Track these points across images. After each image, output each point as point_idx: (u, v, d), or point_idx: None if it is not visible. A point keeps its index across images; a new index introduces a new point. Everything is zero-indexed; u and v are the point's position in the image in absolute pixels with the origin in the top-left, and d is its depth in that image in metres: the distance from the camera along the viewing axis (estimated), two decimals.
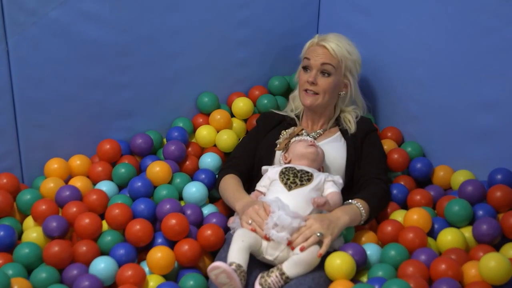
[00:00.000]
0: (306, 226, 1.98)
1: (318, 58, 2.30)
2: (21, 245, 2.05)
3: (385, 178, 2.29)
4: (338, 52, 2.30)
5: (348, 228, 2.13)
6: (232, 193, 2.21)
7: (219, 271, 1.86)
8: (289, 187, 2.09)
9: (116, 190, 2.35)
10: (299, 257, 1.94)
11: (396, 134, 2.56)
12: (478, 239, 2.05)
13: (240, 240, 1.95)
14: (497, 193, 2.13)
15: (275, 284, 1.92)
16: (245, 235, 1.96)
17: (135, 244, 2.11)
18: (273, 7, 2.73)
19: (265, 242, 1.98)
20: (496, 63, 2.20)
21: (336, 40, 2.33)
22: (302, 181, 2.11)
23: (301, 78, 2.35)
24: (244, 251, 1.93)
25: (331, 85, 2.31)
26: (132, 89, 2.51)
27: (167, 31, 2.51)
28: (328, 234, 1.98)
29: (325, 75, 2.31)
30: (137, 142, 2.49)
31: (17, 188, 2.28)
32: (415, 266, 1.90)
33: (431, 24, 2.38)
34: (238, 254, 1.92)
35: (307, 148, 2.21)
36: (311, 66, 2.32)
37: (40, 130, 2.37)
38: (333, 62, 2.30)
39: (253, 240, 1.96)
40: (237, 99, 2.68)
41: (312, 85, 2.30)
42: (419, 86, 2.47)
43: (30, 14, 2.22)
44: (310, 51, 2.34)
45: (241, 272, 1.88)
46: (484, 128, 2.28)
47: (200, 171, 2.45)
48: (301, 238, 1.96)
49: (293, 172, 2.14)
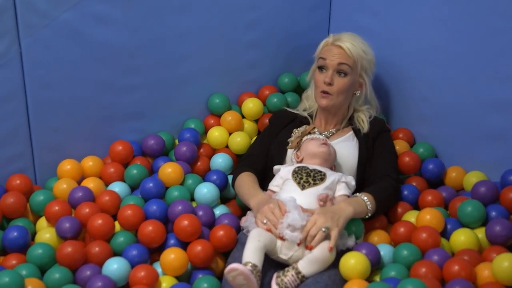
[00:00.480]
0: (310, 221, 1.98)
1: (335, 58, 2.29)
2: (35, 246, 2.06)
3: (396, 176, 2.28)
4: (354, 51, 2.29)
5: (357, 225, 2.12)
6: (247, 190, 2.21)
7: (237, 273, 1.86)
8: (302, 186, 2.10)
9: (128, 191, 2.36)
10: (313, 255, 1.94)
11: (407, 135, 2.56)
12: (491, 240, 2.04)
13: (256, 239, 1.95)
14: (510, 194, 2.12)
15: (292, 283, 1.92)
16: (261, 235, 1.97)
17: (147, 245, 2.12)
18: (284, 8, 2.74)
19: (279, 241, 1.98)
20: (507, 63, 2.20)
21: (351, 40, 2.31)
22: (315, 180, 2.11)
23: (317, 78, 2.34)
24: (260, 250, 1.93)
25: (347, 85, 2.31)
26: (143, 90, 2.52)
27: (177, 33, 2.52)
28: (334, 226, 1.97)
29: (341, 75, 2.30)
30: (149, 143, 2.50)
31: (30, 189, 2.29)
32: (428, 267, 1.90)
33: (441, 25, 2.37)
34: (254, 254, 1.92)
35: (319, 147, 2.21)
36: (327, 66, 2.30)
37: (53, 132, 2.39)
38: (349, 62, 2.30)
39: (268, 240, 1.97)
40: (247, 100, 2.68)
41: (328, 86, 2.30)
42: (430, 86, 2.47)
43: (43, 16, 2.23)
44: (326, 51, 2.33)
45: (257, 272, 1.89)
46: (496, 129, 2.27)
47: (211, 172, 2.45)
48: (309, 237, 1.96)
49: (306, 172, 2.14)
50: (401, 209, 2.27)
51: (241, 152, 2.57)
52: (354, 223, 2.11)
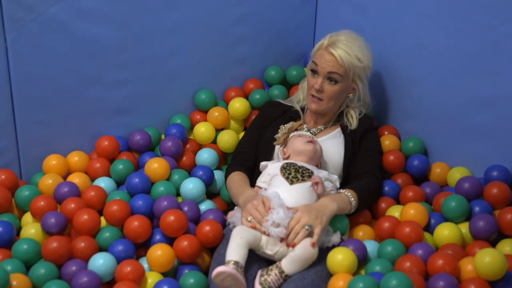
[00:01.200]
0: (294, 219, 1.99)
1: (326, 66, 2.26)
2: (20, 241, 2.06)
3: (378, 174, 2.30)
4: (346, 60, 2.24)
5: (342, 221, 2.13)
6: (235, 189, 2.22)
7: (225, 275, 1.87)
8: (291, 181, 2.10)
9: (114, 186, 2.36)
10: (295, 253, 1.95)
11: (393, 132, 2.56)
12: (475, 235, 2.06)
13: (238, 236, 1.96)
14: (494, 190, 2.14)
15: (275, 283, 1.93)
16: (243, 232, 1.97)
17: (133, 241, 2.12)
18: (271, 4, 2.74)
19: (265, 237, 1.99)
20: (493, 60, 2.21)
21: (346, 46, 2.25)
22: (304, 177, 2.12)
23: (309, 81, 2.34)
24: (243, 247, 1.94)
25: (337, 92, 2.30)
26: (130, 86, 2.52)
27: (165, 28, 2.52)
28: (317, 223, 1.99)
29: (332, 82, 2.28)
30: (135, 139, 2.50)
31: (15, 184, 2.28)
32: (412, 261, 1.92)
33: (427, 22, 2.38)
34: (236, 251, 1.93)
35: (305, 145, 2.21)
36: (318, 72, 2.29)
37: (39, 126, 2.38)
38: (340, 70, 2.26)
39: (252, 236, 1.97)
40: (234, 100, 2.66)
41: (318, 92, 2.30)
42: (415, 83, 2.47)
43: (29, 10, 2.22)
44: (318, 55, 2.30)
45: (240, 269, 1.89)
46: (480, 125, 2.29)
47: (197, 168, 2.45)
48: (292, 234, 1.97)
49: (295, 168, 2.15)
50: (384, 204, 2.29)
51: (229, 150, 2.57)
52: (338, 219, 2.12)
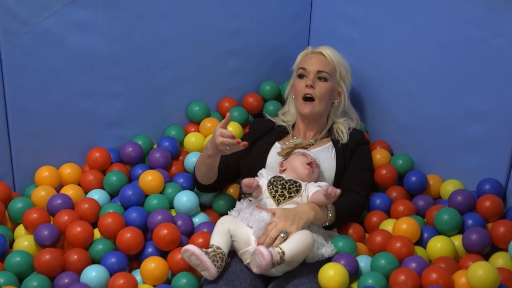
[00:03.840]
0: (271, 224, 2.00)
1: (315, 65, 2.35)
2: (13, 254, 2.05)
3: (363, 192, 2.27)
4: (333, 58, 2.38)
5: (345, 240, 2.11)
6: (201, 157, 2.26)
7: (189, 253, 1.95)
8: (277, 200, 2.10)
9: (107, 198, 2.36)
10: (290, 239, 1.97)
11: (385, 147, 2.56)
12: (468, 248, 2.06)
13: (219, 223, 2.04)
14: (486, 203, 2.15)
15: (274, 256, 1.90)
16: (224, 219, 2.05)
17: (126, 252, 2.11)
18: (264, 17, 2.75)
19: (251, 245, 2.00)
20: (485, 73, 2.22)
21: (330, 49, 2.41)
22: (291, 192, 2.11)
23: (298, 86, 2.37)
24: (223, 233, 2.01)
25: (328, 90, 2.35)
26: (123, 98, 2.52)
27: (158, 41, 2.53)
28: (293, 228, 2.00)
29: (322, 80, 2.35)
30: (127, 151, 2.50)
31: (8, 196, 2.28)
32: (406, 275, 1.92)
33: (420, 35, 2.40)
34: (217, 237, 2.00)
35: (302, 166, 2.20)
36: (308, 72, 2.35)
37: (33, 139, 2.38)
38: (329, 68, 2.36)
39: (232, 224, 2.03)
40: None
41: (310, 89, 2.33)
42: (408, 96, 2.49)
43: (23, 23, 2.23)
44: (305, 60, 2.39)
45: (219, 254, 1.95)
46: (473, 138, 2.30)
47: (178, 175, 2.45)
48: (268, 239, 1.98)
49: (281, 183, 2.14)
50: (376, 218, 2.28)
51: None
52: (345, 241, 2.11)
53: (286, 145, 2.33)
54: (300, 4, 2.80)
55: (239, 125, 2.63)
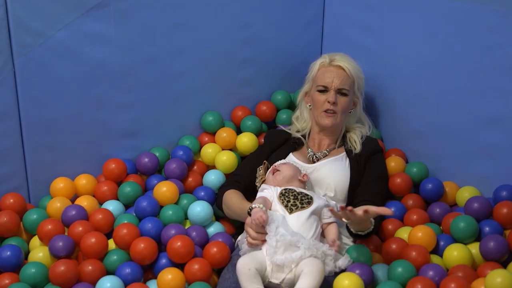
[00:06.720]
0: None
1: (336, 82, 2.34)
2: (28, 265, 2.06)
3: (378, 202, 2.23)
4: (353, 71, 2.38)
5: (360, 250, 2.10)
6: (238, 208, 2.22)
7: None
8: (290, 209, 2.08)
9: (122, 209, 2.36)
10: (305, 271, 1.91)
11: (400, 155, 2.54)
12: (486, 256, 2.04)
13: (246, 269, 1.91)
14: (504, 210, 2.12)
15: None
16: (247, 264, 1.93)
17: (140, 263, 2.11)
18: (277, 26, 2.75)
19: (269, 266, 1.95)
20: (500, 79, 2.20)
21: (347, 60, 2.39)
22: (303, 204, 2.09)
23: (318, 99, 2.36)
24: (255, 277, 1.90)
25: (348, 104, 2.37)
26: (137, 108, 2.53)
27: (171, 52, 2.53)
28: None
29: (343, 95, 2.35)
30: (143, 161, 2.50)
31: (23, 208, 2.29)
32: (424, 283, 1.89)
33: (434, 42, 2.39)
34: (252, 283, 1.89)
35: (269, 175, 2.25)
36: (329, 88, 2.35)
37: (47, 150, 2.39)
38: (349, 83, 2.37)
39: (257, 263, 1.94)
40: (242, 135, 2.64)
41: (333, 105, 2.33)
42: (423, 103, 2.47)
43: (36, 35, 2.24)
44: (324, 73, 2.37)
45: None
46: (488, 144, 2.28)
47: (199, 188, 2.45)
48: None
49: (293, 194, 2.12)
50: (391, 226, 2.26)
51: (229, 171, 2.53)
52: (362, 251, 2.10)
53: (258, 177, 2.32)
54: (312, 12, 2.80)
55: (253, 135, 2.63)
